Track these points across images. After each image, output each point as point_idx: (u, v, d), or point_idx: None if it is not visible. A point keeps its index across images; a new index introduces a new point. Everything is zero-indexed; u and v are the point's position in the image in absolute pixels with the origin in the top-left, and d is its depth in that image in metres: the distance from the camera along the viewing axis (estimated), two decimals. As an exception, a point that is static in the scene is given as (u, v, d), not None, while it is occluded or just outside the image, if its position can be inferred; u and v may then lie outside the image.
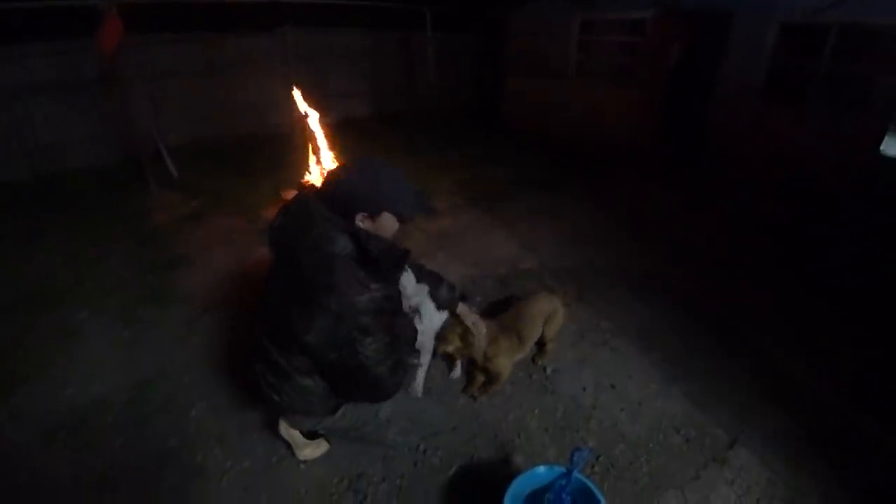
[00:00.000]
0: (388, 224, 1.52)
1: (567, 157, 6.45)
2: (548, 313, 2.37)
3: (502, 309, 2.44)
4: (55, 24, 5.12)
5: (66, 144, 5.63)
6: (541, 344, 2.48)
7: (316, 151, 4.37)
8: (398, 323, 1.62)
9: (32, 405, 2.28)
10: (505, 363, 2.18)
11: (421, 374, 2.22)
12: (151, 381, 2.41)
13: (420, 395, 2.19)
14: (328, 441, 2.00)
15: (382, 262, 1.47)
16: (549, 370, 2.48)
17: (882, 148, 4.58)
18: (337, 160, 4.94)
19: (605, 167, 6.08)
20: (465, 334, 2.03)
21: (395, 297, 1.53)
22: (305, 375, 1.58)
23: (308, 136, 4.30)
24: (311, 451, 1.95)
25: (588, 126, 7.19)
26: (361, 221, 1.47)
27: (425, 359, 2.19)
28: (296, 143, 4.97)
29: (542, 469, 1.63)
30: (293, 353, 1.53)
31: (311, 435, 1.95)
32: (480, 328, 2.05)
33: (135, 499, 1.86)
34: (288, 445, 1.97)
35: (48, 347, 2.67)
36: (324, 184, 1.51)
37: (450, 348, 2.05)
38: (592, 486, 1.55)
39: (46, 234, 4.05)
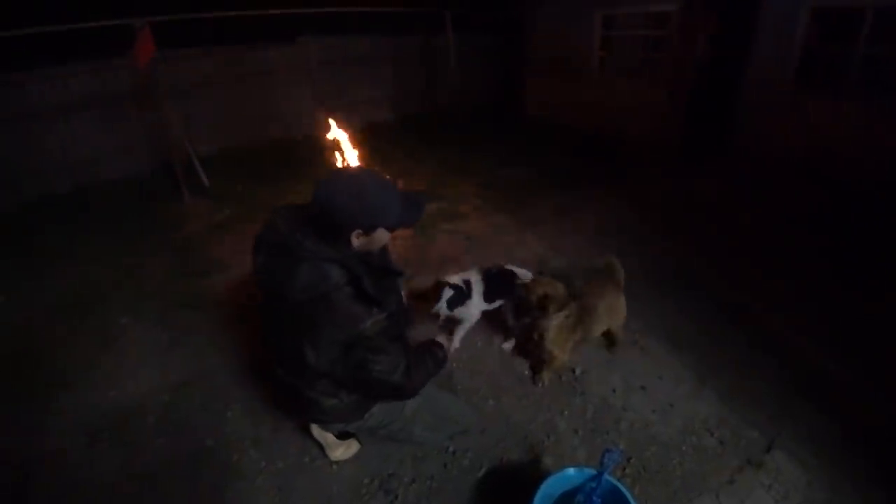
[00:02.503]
0: (381, 237, 1.53)
1: (592, 155, 6.37)
2: (611, 306, 2.39)
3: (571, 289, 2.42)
4: (92, 44, 5.36)
5: (102, 157, 5.88)
6: (609, 335, 2.53)
7: (342, 156, 4.45)
8: (402, 330, 1.66)
9: (78, 406, 2.40)
10: (560, 354, 2.26)
11: (460, 334, 2.53)
12: (189, 383, 2.50)
13: (458, 346, 2.49)
14: (359, 441, 2.04)
15: (377, 294, 1.45)
16: (577, 371, 2.46)
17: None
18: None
19: (630, 163, 5.97)
20: (544, 299, 2.16)
21: (395, 311, 1.55)
22: (330, 397, 1.63)
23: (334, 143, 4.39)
24: (343, 451, 1.99)
25: (612, 122, 7.08)
26: (357, 238, 1.46)
27: (466, 325, 2.53)
28: (322, 147, 5.06)
29: (572, 471, 1.62)
30: (312, 379, 1.57)
31: (342, 435, 1.99)
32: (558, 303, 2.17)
33: (174, 497, 1.93)
34: (320, 446, 2.01)
35: (91, 351, 2.80)
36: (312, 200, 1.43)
37: (537, 292, 2.18)
38: (623, 489, 1.53)
39: (86, 242, 4.24)
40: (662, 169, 5.71)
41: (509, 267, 2.63)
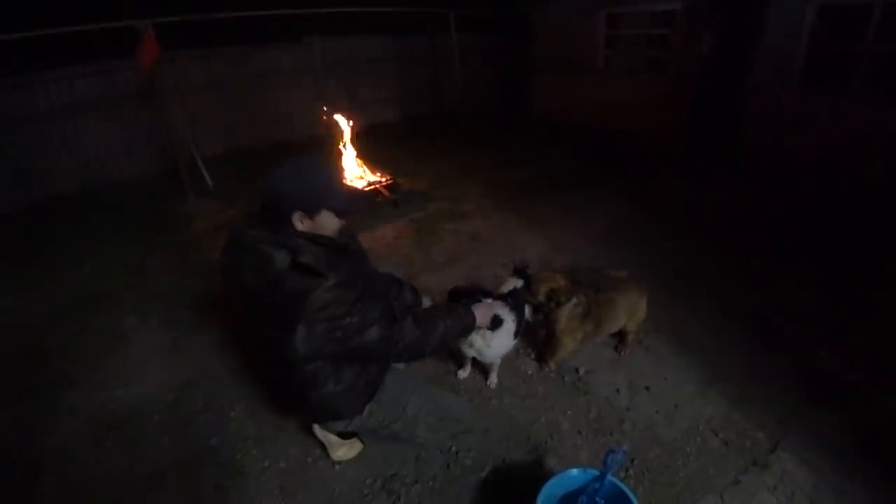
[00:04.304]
0: (327, 223, 1.50)
1: (597, 154, 6.35)
2: (634, 307, 2.43)
3: (594, 286, 2.47)
4: (97, 46, 5.40)
5: (109, 158, 5.95)
6: (621, 334, 2.55)
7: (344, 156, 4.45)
8: (365, 287, 1.55)
9: (84, 404, 2.42)
10: (570, 342, 2.33)
11: (494, 371, 2.37)
12: (194, 382, 2.52)
13: (494, 386, 2.35)
14: (362, 441, 2.04)
15: (320, 264, 1.41)
16: (581, 371, 2.45)
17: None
18: (366, 165, 5.03)
19: (635, 163, 5.94)
20: (551, 293, 2.21)
21: (350, 277, 1.47)
22: (315, 389, 1.61)
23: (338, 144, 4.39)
24: (345, 451, 1.99)
25: (618, 122, 7.07)
26: (300, 221, 1.45)
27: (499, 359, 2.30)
28: (326, 147, 5.07)
29: (575, 471, 1.61)
30: (295, 367, 1.56)
31: (344, 435, 1.98)
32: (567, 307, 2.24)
33: (178, 495, 1.94)
34: (322, 446, 2.02)
35: (97, 350, 2.83)
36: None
37: (542, 289, 2.24)
38: (627, 490, 1.52)
39: (93, 243, 4.28)
40: (669, 168, 5.68)
41: (462, 285, 2.51)
